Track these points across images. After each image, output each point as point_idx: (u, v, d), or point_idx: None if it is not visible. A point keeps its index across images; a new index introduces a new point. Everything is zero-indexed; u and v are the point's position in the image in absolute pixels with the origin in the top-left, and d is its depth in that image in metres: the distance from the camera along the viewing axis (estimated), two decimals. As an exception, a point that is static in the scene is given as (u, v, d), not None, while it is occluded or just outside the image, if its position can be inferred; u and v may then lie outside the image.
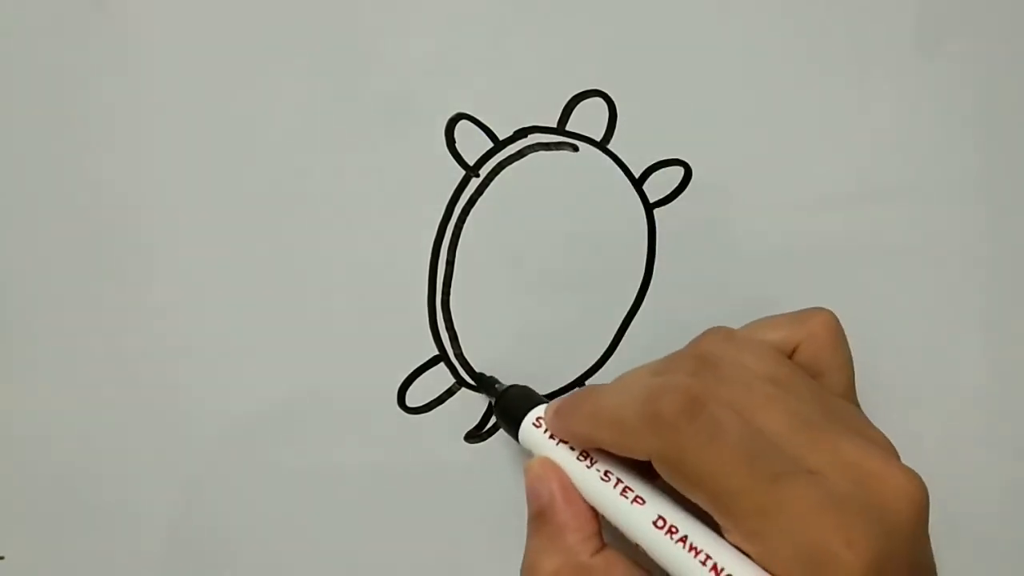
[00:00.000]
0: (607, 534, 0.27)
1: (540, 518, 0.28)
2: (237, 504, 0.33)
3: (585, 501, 0.27)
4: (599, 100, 0.33)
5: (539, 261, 0.33)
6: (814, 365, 0.28)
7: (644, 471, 0.27)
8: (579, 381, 0.34)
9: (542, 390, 0.33)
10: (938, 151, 0.34)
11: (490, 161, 0.33)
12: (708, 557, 0.24)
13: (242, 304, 0.32)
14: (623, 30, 0.33)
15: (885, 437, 0.26)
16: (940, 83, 0.34)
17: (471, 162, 0.33)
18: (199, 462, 0.33)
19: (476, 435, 0.34)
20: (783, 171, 0.33)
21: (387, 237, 0.33)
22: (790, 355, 0.28)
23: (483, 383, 0.33)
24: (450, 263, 0.33)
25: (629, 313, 0.33)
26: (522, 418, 0.30)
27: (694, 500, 0.25)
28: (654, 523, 0.26)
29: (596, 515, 0.27)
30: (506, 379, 0.33)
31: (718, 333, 0.28)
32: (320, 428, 0.33)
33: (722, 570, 0.24)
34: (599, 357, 0.34)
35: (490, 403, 0.33)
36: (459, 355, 0.33)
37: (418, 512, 0.33)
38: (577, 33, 0.32)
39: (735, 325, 0.29)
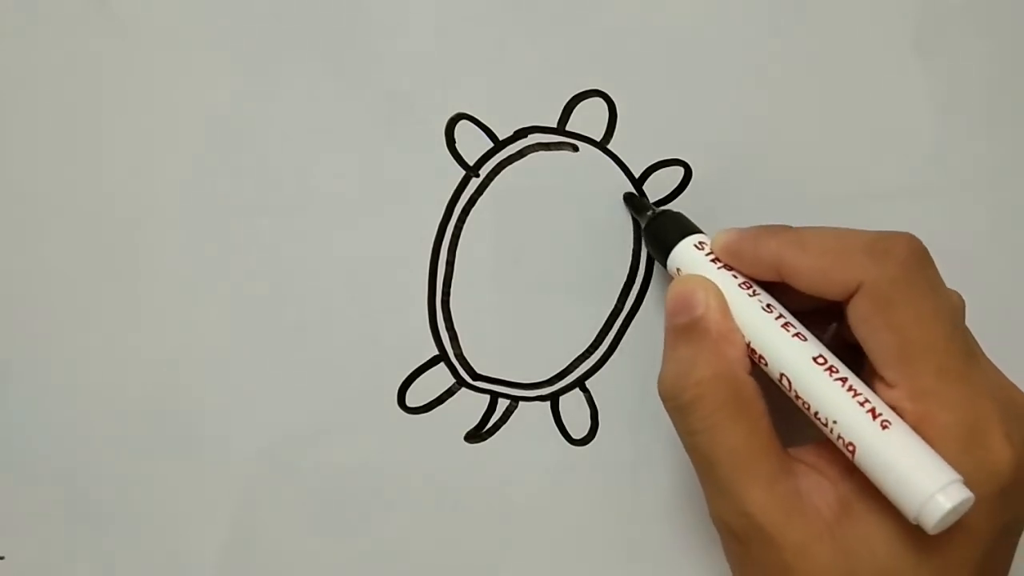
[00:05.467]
0: None
1: (693, 328, 0.27)
2: (235, 502, 0.33)
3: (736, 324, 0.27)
4: (599, 100, 0.33)
5: (539, 261, 0.33)
6: None
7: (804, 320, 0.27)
8: (579, 381, 0.34)
9: (541, 390, 0.33)
10: (938, 151, 0.34)
11: (490, 161, 0.33)
12: (867, 400, 0.25)
13: (241, 304, 0.32)
14: (623, 30, 0.33)
15: None
16: (940, 83, 0.34)
17: (471, 162, 0.33)
18: (196, 461, 0.33)
19: (476, 435, 0.34)
20: (783, 171, 0.33)
21: (387, 237, 0.33)
22: None
23: (634, 203, 0.32)
24: (450, 263, 0.33)
25: (629, 313, 0.33)
26: (677, 241, 0.29)
27: (872, 345, 0.25)
28: (814, 359, 0.26)
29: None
30: (504, 376, 0.33)
31: None
32: (319, 428, 0.33)
33: (879, 415, 0.24)
34: (599, 357, 0.34)
35: (491, 402, 0.33)
36: (459, 355, 0.33)
37: (418, 512, 0.33)
38: (577, 33, 0.32)
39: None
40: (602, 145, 0.33)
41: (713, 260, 0.29)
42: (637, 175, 0.33)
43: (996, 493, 0.24)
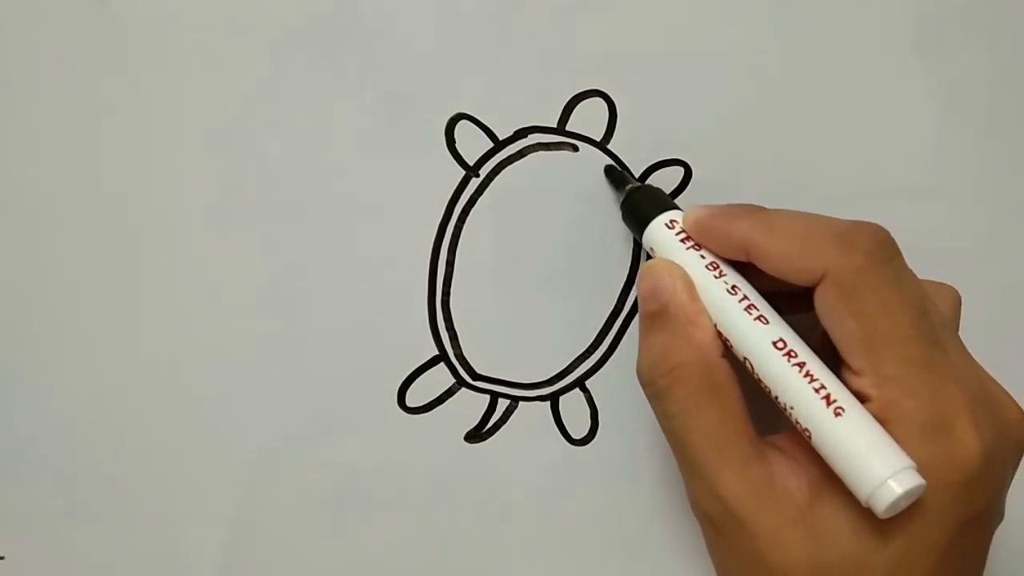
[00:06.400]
0: None
1: (663, 314, 0.27)
2: (235, 502, 0.33)
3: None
4: (599, 100, 0.33)
5: (539, 261, 0.33)
6: None
7: (771, 302, 0.27)
8: (579, 381, 0.34)
9: (541, 390, 0.33)
10: (938, 151, 0.34)
11: (490, 161, 0.33)
12: (823, 387, 0.25)
13: (241, 303, 0.32)
14: (623, 30, 0.33)
15: None
16: (940, 83, 0.34)
17: (471, 162, 0.33)
18: (196, 461, 0.33)
19: (476, 435, 0.34)
20: (783, 171, 0.33)
21: (387, 237, 0.33)
22: None
23: (614, 176, 0.32)
24: (450, 263, 0.33)
25: (629, 313, 0.33)
26: (652, 217, 0.29)
27: (838, 334, 0.25)
28: (774, 343, 0.26)
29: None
30: (504, 376, 0.33)
31: None
32: (319, 428, 0.33)
33: (834, 401, 0.24)
34: (599, 357, 0.34)
35: (491, 402, 0.33)
36: (459, 355, 0.33)
37: (418, 512, 0.33)
38: (577, 33, 0.32)
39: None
40: (602, 145, 0.33)
41: (683, 240, 0.28)
42: (637, 175, 0.33)
43: (961, 481, 0.24)
